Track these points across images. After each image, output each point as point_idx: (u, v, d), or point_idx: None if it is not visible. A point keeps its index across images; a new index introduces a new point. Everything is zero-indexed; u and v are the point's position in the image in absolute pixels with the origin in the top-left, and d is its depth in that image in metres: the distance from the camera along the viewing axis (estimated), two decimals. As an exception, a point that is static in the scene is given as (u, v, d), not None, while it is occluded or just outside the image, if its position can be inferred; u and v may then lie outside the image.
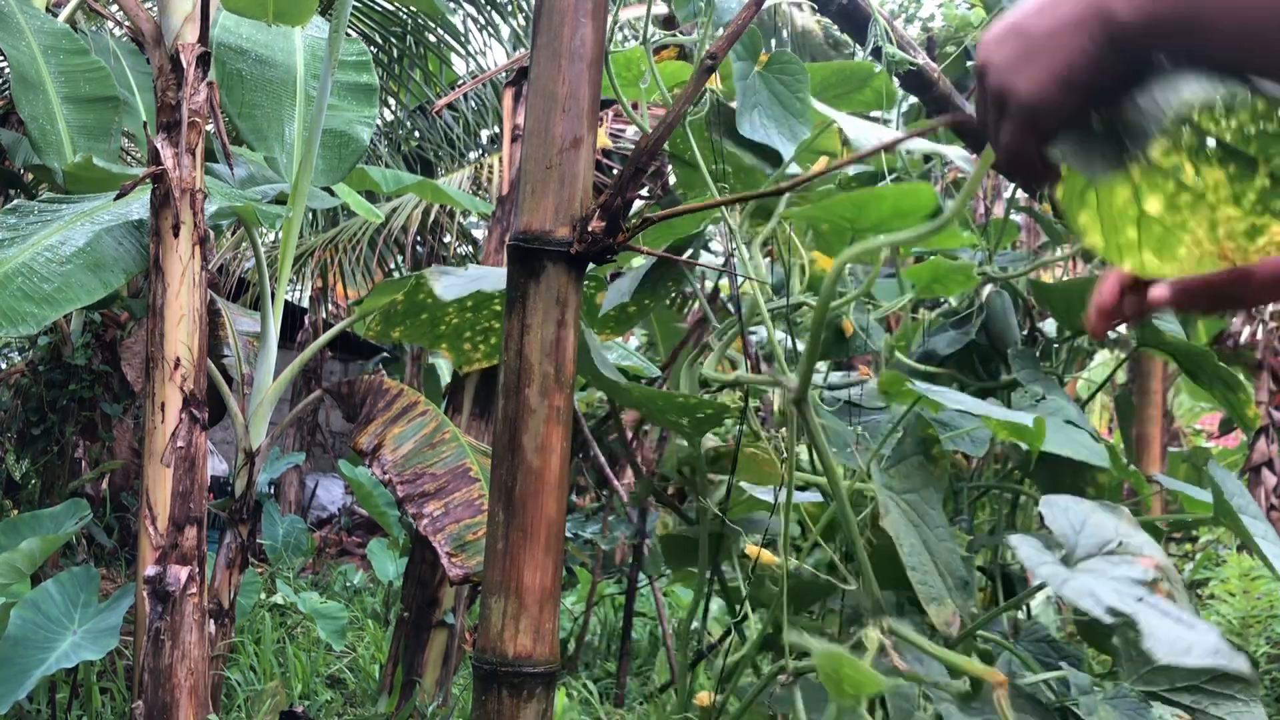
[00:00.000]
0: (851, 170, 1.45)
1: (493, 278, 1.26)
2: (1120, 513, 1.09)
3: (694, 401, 1.14)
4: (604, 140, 3.12)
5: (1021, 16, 0.67)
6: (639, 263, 1.40)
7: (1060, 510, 1.08)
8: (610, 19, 1.09)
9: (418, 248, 6.77)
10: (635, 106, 1.19)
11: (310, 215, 6.15)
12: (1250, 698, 1.12)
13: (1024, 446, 1.28)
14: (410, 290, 1.59)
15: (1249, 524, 1.27)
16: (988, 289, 1.63)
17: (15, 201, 2.89)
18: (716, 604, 1.73)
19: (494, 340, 1.49)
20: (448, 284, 1.29)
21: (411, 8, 5.68)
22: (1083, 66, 0.65)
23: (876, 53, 1.49)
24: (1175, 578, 1.06)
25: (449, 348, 1.58)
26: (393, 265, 7.10)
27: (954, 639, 1.04)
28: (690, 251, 1.52)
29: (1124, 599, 0.96)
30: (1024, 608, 1.68)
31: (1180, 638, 0.92)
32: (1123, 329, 1.73)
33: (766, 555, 1.10)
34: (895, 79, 1.49)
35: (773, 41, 6.49)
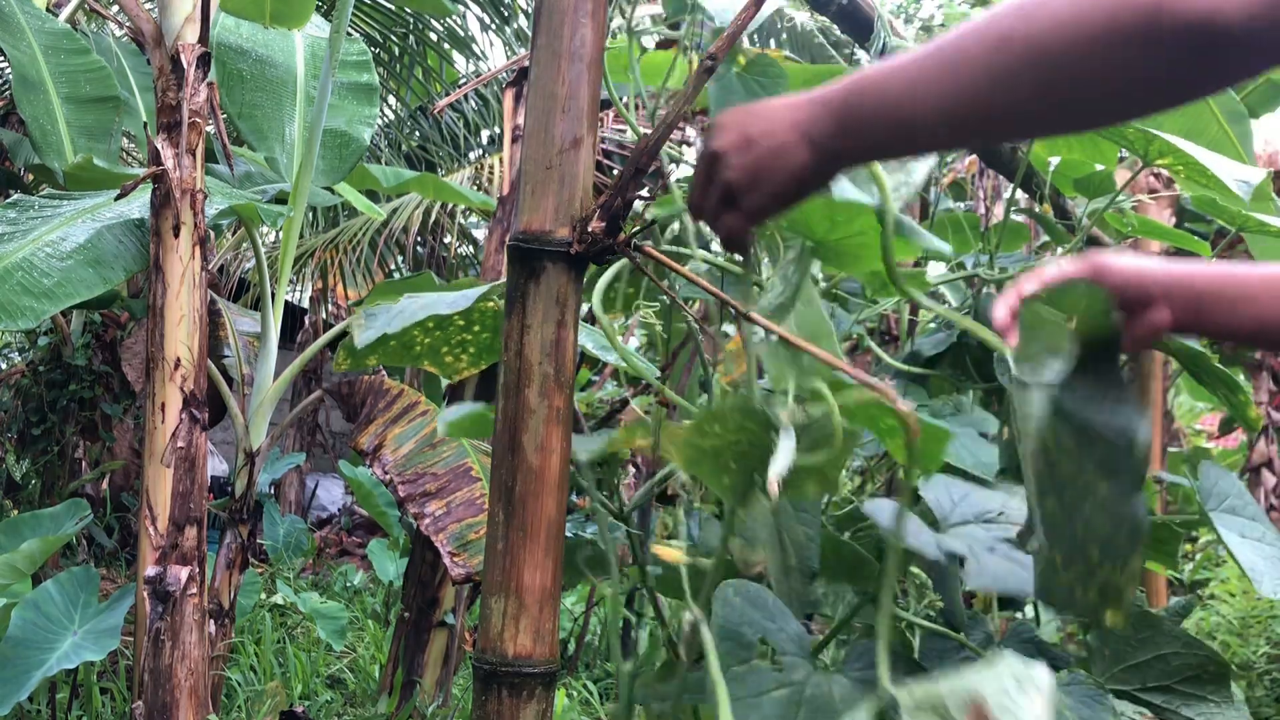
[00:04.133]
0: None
1: (409, 311, 1.27)
2: (1017, 494, 1.12)
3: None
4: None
5: (753, 128, 0.85)
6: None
7: (941, 487, 1.14)
8: (623, 17, 1.10)
9: (418, 248, 6.77)
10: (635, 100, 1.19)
11: (310, 216, 6.15)
12: (1223, 699, 1.11)
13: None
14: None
15: (1239, 524, 1.26)
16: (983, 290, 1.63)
17: (15, 196, 2.89)
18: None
19: (472, 350, 1.51)
20: (366, 328, 1.30)
21: (408, 12, 5.68)
22: (797, 184, 0.84)
23: (882, 53, 1.48)
24: None
25: (431, 364, 1.58)
26: (393, 266, 7.10)
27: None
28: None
29: (971, 546, 1.01)
30: (1029, 609, 1.68)
31: (1009, 573, 0.99)
32: None
33: (671, 553, 1.11)
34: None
35: (772, 41, 6.50)
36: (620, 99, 1.16)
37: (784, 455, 0.79)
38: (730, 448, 0.87)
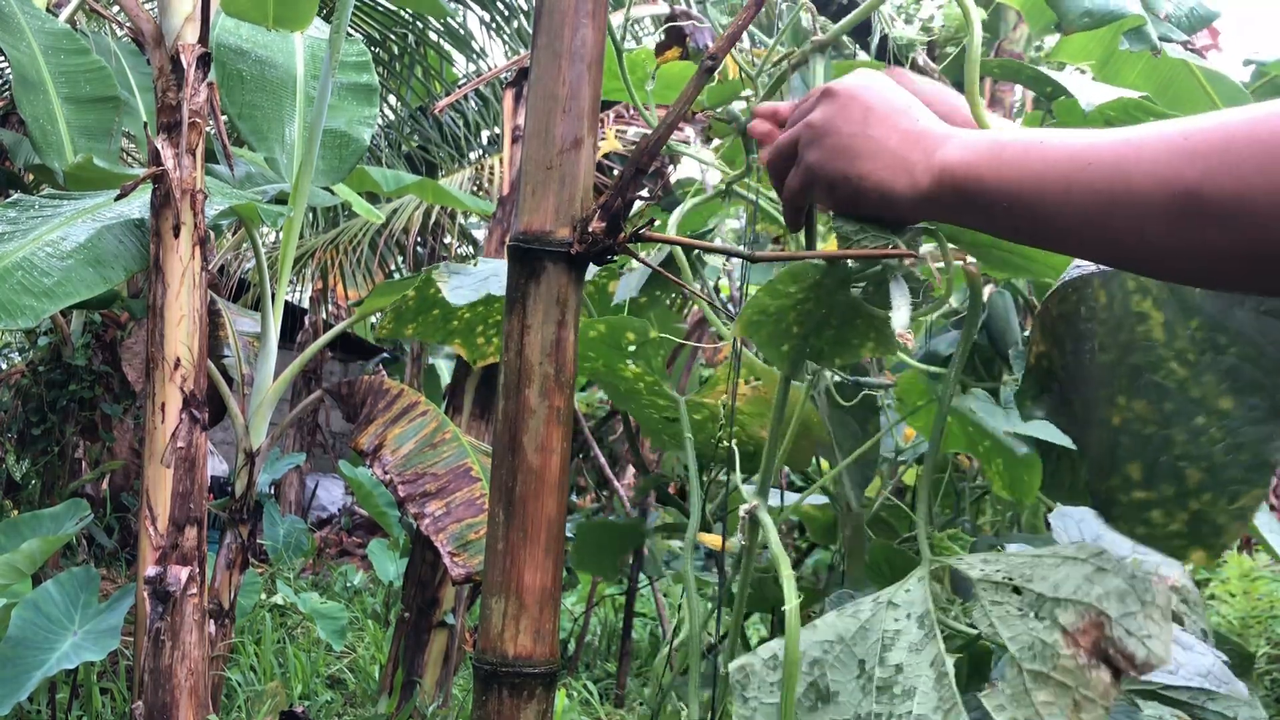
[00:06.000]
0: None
1: (503, 276, 1.26)
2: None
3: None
4: (614, 144, 3.12)
5: (874, 118, 0.78)
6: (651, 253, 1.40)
7: (1073, 523, 1.04)
8: (623, 15, 1.10)
9: (418, 249, 6.77)
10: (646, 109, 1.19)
11: (311, 216, 6.16)
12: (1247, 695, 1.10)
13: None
14: (420, 286, 1.59)
15: (1263, 519, 1.26)
16: (989, 289, 1.63)
17: (15, 196, 2.89)
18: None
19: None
20: (455, 285, 1.28)
21: (407, 12, 5.68)
22: (855, 196, 0.77)
23: (881, 54, 1.48)
24: (1194, 598, 1.03)
25: (462, 343, 1.58)
26: (393, 266, 7.10)
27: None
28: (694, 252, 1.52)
29: None
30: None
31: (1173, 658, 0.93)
32: None
33: (712, 539, 1.11)
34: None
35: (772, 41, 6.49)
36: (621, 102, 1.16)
37: (903, 306, 0.75)
38: (796, 308, 0.82)
